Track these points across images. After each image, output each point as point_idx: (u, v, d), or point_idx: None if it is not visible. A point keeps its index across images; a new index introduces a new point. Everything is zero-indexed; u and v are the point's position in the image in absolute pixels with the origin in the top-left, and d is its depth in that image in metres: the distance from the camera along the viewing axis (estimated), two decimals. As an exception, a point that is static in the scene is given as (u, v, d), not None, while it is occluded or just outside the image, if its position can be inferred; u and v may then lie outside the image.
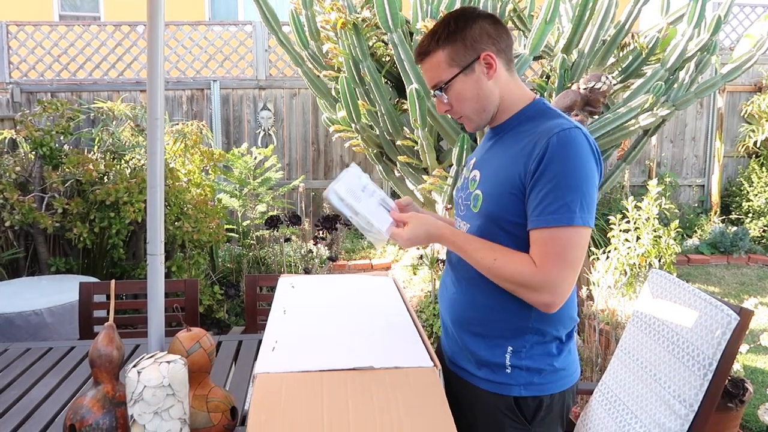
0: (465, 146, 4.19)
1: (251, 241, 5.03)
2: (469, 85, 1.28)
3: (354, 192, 1.36)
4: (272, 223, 4.48)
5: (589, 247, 3.75)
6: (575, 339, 1.40)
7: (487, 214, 1.28)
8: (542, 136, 1.19)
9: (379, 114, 4.41)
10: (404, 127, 4.54)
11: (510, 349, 1.28)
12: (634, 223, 3.34)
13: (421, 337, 1.39)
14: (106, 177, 4.15)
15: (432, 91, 1.32)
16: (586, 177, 1.17)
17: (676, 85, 4.48)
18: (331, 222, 4.50)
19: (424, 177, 4.15)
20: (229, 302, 4.33)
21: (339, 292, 1.83)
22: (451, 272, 1.41)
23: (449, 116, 2.40)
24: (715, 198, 6.93)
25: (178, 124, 4.89)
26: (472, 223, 1.34)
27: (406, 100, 4.15)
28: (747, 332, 1.50)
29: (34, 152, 4.14)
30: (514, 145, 1.26)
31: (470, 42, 1.26)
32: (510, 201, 1.23)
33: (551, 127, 1.20)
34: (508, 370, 1.28)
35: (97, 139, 4.75)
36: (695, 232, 6.36)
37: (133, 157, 4.49)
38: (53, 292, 3.38)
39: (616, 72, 4.66)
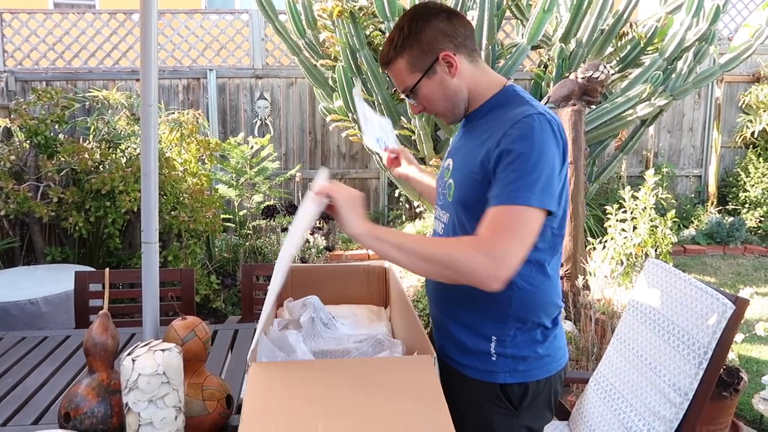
0: (462, 136, 4.16)
1: (248, 231, 5.02)
2: (435, 87, 1.28)
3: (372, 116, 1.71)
4: (269, 212, 4.48)
5: (585, 236, 3.76)
6: (561, 326, 1.40)
7: (460, 202, 1.29)
8: (506, 123, 1.20)
9: (376, 103, 4.39)
10: (402, 117, 4.52)
11: (494, 338, 1.29)
12: (631, 213, 3.34)
13: (417, 325, 1.38)
14: (101, 166, 4.13)
15: (403, 94, 1.33)
16: (546, 161, 1.16)
17: (674, 75, 4.47)
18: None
19: (422, 167, 4.14)
20: (225, 292, 4.33)
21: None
22: None
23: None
24: (712, 188, 6.94)
25: (174, 113, 4.86)
26: (449, 212, 1.35)
27: (404, 89, 4.14)
28: (742, 322, 1.50)
29: (28, 141, 4.12)
30: (482, 133, 1.26)
31: (426, 45, 1.25)
32: (479, 187, 1.22)
33: (516, 114, 1.20)
34: (494, 358, 1.29)
35: (93, 127, 4.72)
36: (692, 222, 6.37)
37: (128, 146, 4.47)
38: (49, 282, 3.38)
39: (614, 61, 4.64)
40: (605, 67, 3.54)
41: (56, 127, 4.27)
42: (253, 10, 6.25)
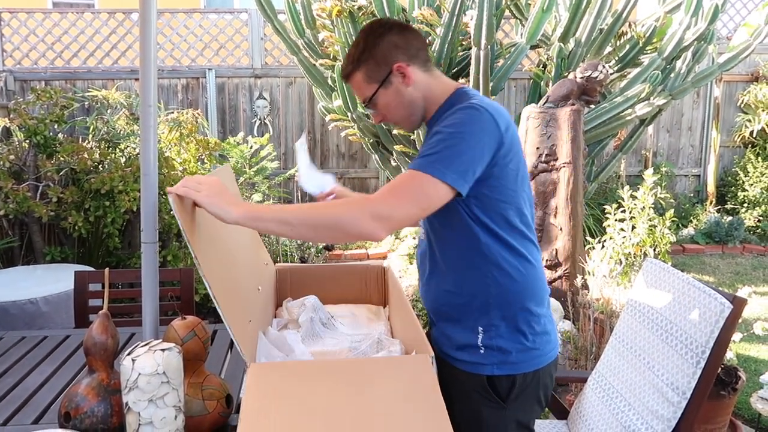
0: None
1: (247, 230, 5.02)
2: (391, 97, 1.35)
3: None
4: (268, 212, 4.48)
5: (584, 236, 3.76)
6: (552, 319, 1.42)
7: None
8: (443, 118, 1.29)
9: (375, 103, 4.39)
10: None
11: (480, 329, 1.33)
12: (630, 212, 3.35)
13: (415, 325, 1.39)
14: (100, 166, 4.13)
15: (363, 105, 1.43)
16: (468, 145, 1.22)
17: (672, 75, 4.47)
18: (327, 211, 4.50)
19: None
20: (225, 291, 4.32)
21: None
22: (420, 267, 1.49)
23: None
24: (711, 188, 6.94)
25: (173, 112, 4.86)
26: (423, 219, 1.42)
27: (403, 88, 4.14)
28: (740, 321, 1.51)
29: (28, 141, 4.12)
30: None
31: (381, 58, 1.33)
32: None
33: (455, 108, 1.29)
34: (482, 351, 1.33)
35: (92, 127, 4.72)
36: (690, 221, 6.38)
37: (128, 146, 4.47)
38: (48, 281, 3.38)
39: (613, 61, 4.65)
40: (604, 66, 3.54)
41: (55, 126, 4.27)
42: (252, 10, 6.25)
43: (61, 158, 4.01)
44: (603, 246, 3.35)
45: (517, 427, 1.37)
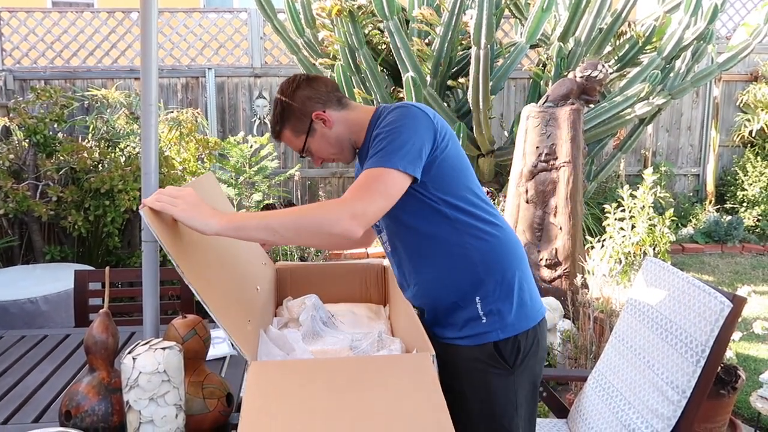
0: (461, 135, 4.18)
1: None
2: (320, 141, 1.46)
3: None
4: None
5: (584, 235, 3.77)
6: (531, 276, 1.50)
7: (388, 216, 1.39)
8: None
9: (375, 102, 4.40)
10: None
11: (478, 299, 1.40)
12: (629, 211, 3.35)
13: (416, 323, 1.39)
14: (100, 165, 4.13)
15: (300, 155, 1.52)
16: (409, 134, 1.32)
17: (672, 74, 4.48)
18: (326, 210, 4.50)
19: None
20: (224, 291, 4.32)
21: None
22: (401, 284, 1.54)
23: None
24: (710, 187, 6.94)
25: (173, 112, 4.86)
26: (382, 227, 1.50)
27: (402, 88, 4.13)
28: (740, 320, 1.51)
29: (27, 140, 4.12)
30: (367, 151, 1.41)
31: (299, 112, 1.44)
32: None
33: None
34: (483, 320, 1.39)
35: (92, 126, 4.72)
36: (690, 221, 6.38)
37: (127, 145, 4.47)
38: (48, 281, 3.38)
39: (613, 60, 4.65)
40: (603, 66, 3.54)
41: (55, 125, 4.26)
42: (251, 9, 6.24)
43: (61, 157, 4.01)
44: (603, 245, 3.35)
45: (525, 392, 1.43)
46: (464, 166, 1.44)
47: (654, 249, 3.27)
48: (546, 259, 3.47)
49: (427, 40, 4.42)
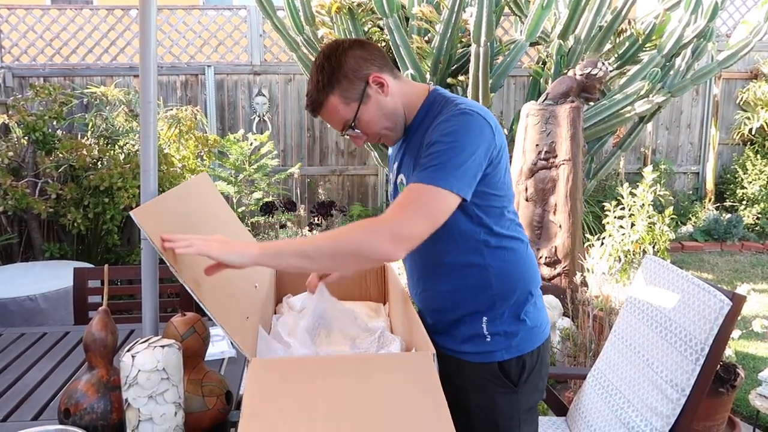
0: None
1: (247, 228, 5.02)
2: (373, 110, 1.31)
3: None
4: (268, 209, 4.48)
5: (583, 233, 3.76)
6: (541, 294, 1.46)
7: None
8: (434, 125, 1.27)
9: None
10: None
11: (485, 319, 1.35)
12: (629, 209, 3.35)
13: (416, 322, 1.39)
14: (99, 162, 4.12)
15: (341, 132, 1.35)
16: (465, 152, 1.21)
17: (672, 72, 4.47)
18: (326, 208, 4.50)
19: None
20: (224, 288, 4.32)
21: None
22: (409, 279, 1.50)
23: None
24: (710, 185, 6.94)
25: (172, 109, 4.85)
26: None
27: (402, 85, 4.13)
28: (739, 318, 1.51)
29: (26, 137, 4.11)
30: (418, 143, 1.32)
31: (352, 74, 1.28)
32: None
33: (441, 115, 1.28)
34: (488, 339, 1.35)
35: (91, 124, 4.71)
36: (689, 219, 6.38)
37: (127, 143, 4.46)
38: (48, 278, 3.38)
39: (613, 58, 4.64)
40: (603, 64, 3.54)
41: (54, 123, 4.26)
42: (251, 7, 6.23)
43: (60, 155, 4.01)
44: (602, 243, 3.35)
45: (527, 410, 1.41)
46: (507, 173, 1.34)
47: (653, 247, 3.27)
48: (545, 257, 3.47)
49: (426, 38, 4.42)
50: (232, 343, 1.43)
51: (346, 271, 1.51)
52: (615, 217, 3.37)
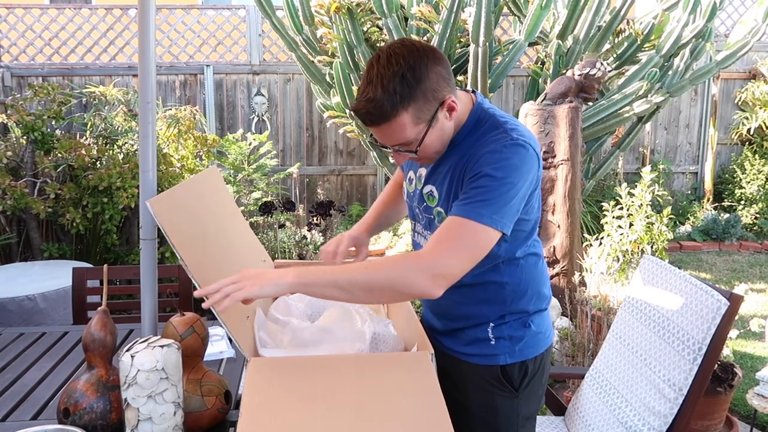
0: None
1: (245, 227, 5.01)
2: (436, 135, 1.22)
3: None
4: (266, 209, 4.48)
5: (582, 233, 3.77)
6: (549, 305, 1.47)
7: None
8: (482, 147, 1.21)
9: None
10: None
11: (491, 324, 1.35)
12: (627, 209, 3.35)
13: (415, 322, 1.39)
14: (98, 162, 4.12)
15: (392, 148, 1.25)
16: (511, 186, 1.17)
17: (670, 72, 4.48)
18: (325, 208, 4.50)
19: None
20: (223, 288, 4.31)
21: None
22: None
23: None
24: (708, 185, 6.95)
25: (171, 109, 4.85)
26: None
27: (401, 85, 4.13)
28: (737, 318, 1.51)
29: (25, 137, 4.11)
30: (459, 162, 1.26)
31: (431, 94, 1.16)
32: None
33: (489, 139, 1.21)
34: (492, 342, 1.35)
35: (90, 123, 4.71)
36: (688, 219, 6.39)
37: (126, 142, 4.46)
38: (46, 278, 3.38)
39: (611, 58, 4.65)
40: (602, 64, 3.55)
41: (53, 123, 4.26)
42: (250, 6, 6.23)
43: (59, 155, 4.01)
44: (601, 243, 3.36)
45: (527, 417, 1.40)
46: (538, 204, 1.31)
47: (652, 247, 3.28)
48: (544, 257, 3.48)
49: (425, 38, 4.42)
50: (231, 343, 1.43)
51: (381, 303, 1.50)
52: (613, 217, 3.38)
